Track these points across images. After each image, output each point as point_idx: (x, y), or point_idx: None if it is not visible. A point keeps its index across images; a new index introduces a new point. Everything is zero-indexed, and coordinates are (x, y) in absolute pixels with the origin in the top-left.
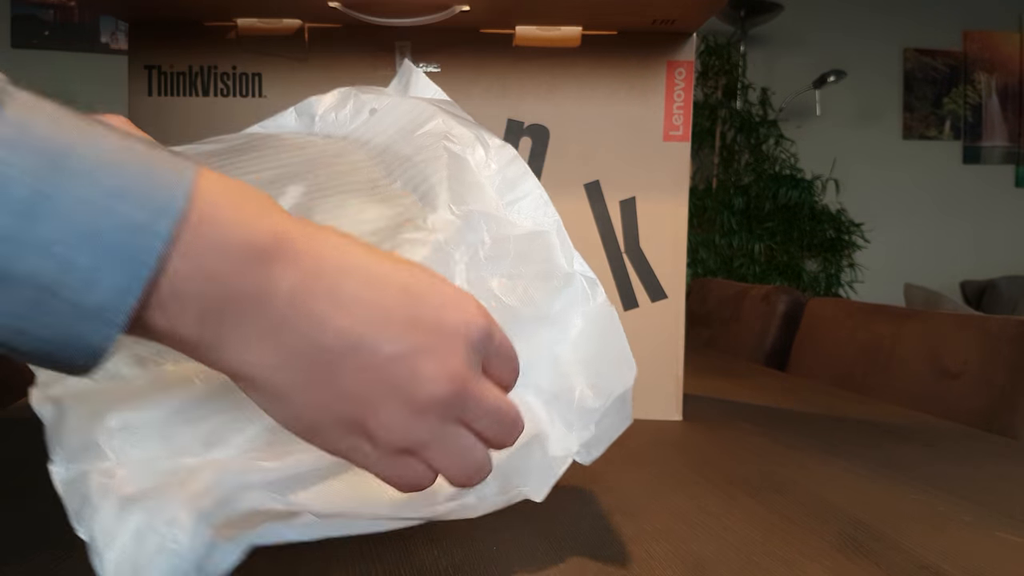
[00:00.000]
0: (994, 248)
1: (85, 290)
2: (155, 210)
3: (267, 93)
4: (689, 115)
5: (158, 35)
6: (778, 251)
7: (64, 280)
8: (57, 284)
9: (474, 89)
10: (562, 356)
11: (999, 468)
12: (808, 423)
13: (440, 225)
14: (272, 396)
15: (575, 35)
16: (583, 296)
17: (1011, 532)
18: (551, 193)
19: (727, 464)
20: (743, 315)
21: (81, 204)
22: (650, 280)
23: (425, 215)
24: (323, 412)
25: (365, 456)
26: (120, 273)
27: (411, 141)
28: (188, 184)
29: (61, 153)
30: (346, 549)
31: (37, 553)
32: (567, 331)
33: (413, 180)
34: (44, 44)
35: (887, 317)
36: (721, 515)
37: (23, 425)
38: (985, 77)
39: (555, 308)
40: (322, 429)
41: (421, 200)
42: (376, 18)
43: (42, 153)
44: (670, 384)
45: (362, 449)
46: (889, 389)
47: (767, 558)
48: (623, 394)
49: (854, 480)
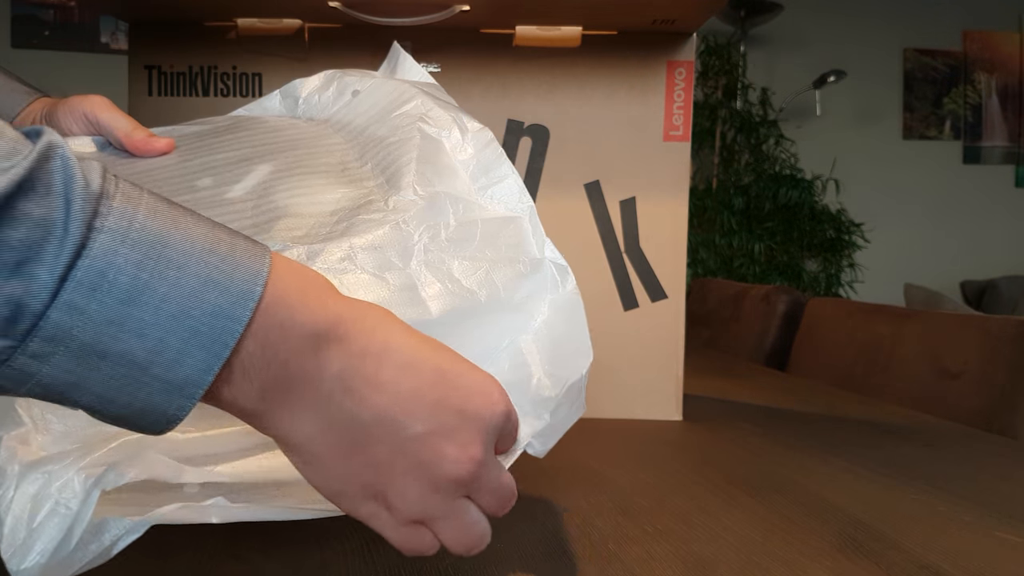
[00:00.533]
0: (994, 248)
1: (172, 368)
2: (238, 296)
3: (267, 93)
4: (689, 115)
5: (158, 35)
6: (778, 251)
7: (155, 359)
8: (148, 363)
9: (474, 89)
10: (524, 344)
11: (999, 468)
12: (808, 423)
13: (402, 206)
14: (309, 460)
15: (575, 35)
16: (552, 283)
17: (1011, 532)
18: (551, 193)
19: (727, 464)
20: (743, 315)
21: (175, 290)
22: (650, 280)
23: (388, 196)
24: (351, 478)
25: (382, 522)
26: (204, 353)
27: (387, 122)
28: (265, 271)
29: (159, 243)
30: (346, 548)
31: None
32: (532, 319)
33: (383, 162)
34: (44, 44)
35: (887, 317)
36: (721, 515)
37: None
38: (985, 77)
39: (520, 295)
40: (348, 493)
41: (388, 182)
42: (376, 18)
43: (143, 244)
44: (670, 384)
45: (380, 516)
46: (889, 389)
47: (767, 558)
48: (577, 382)
49: (854, 480)
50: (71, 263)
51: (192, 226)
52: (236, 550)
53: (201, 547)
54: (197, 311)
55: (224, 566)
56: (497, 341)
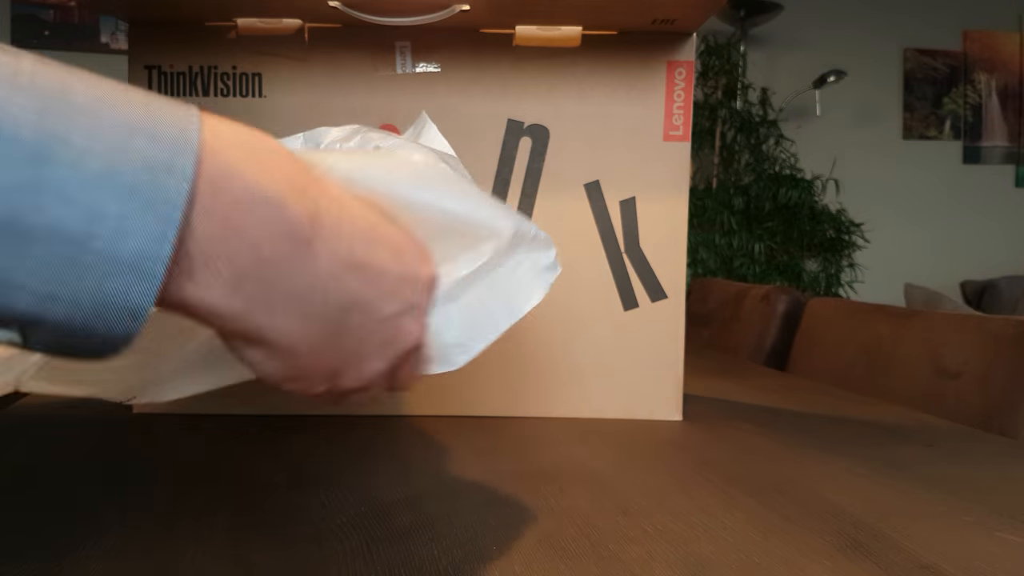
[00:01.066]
0: (994, 248)
1: (117, 239)
2: (172, 144)
3: (267, 93)
4: (689, 115)
5: (158, 35)
6: (778, 251)
7: (92, 230)
8: (85, 235)
9: (474, 89)
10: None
11: (999, 468)
12: (808, 423)
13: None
14: (279, 354)
15: (575, 35)
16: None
17: (1011, 532)
18: (551, 193)
19: (727, 464)
20: (743, 315)
21: (93, 141)
22: (650, 280)
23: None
24: (318, 366)
25: (315, 392)
26: (150, 218)
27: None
28: (196, 120)
29: (63, 91)
30: (346, 548)
31: (35, 553)
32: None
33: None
34: (44, 44)
35: (887, 317)
36: (721, 515)
37: (23, 426)
38: (985, 77)
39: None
40: (307, 378)
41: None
42: (376, 17)
43: (45, 92)
44: (670, 384)
45: (320, 389)
46: (889, 389)
47: (767, 558)
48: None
49: (854, 480)
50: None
51: (96, 78)
52: (236, 550)
53: (201, 547)
54: (127, 166)
55: (224, 566)
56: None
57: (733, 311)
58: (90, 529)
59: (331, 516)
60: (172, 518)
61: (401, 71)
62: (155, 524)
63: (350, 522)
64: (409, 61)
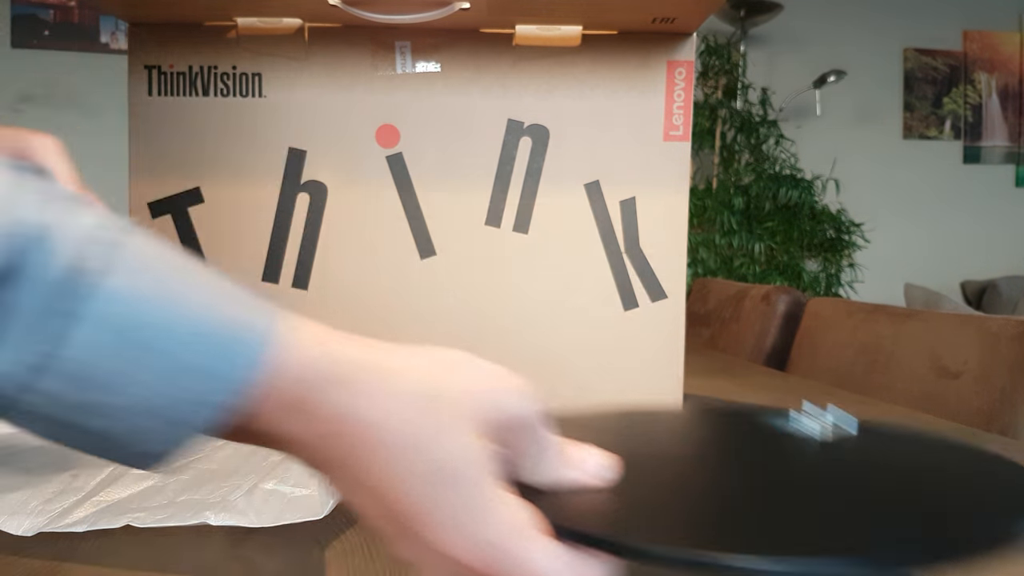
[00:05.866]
0: (994, 248)
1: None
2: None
3: (267, 93)
4: (689, 115)
5: (158, 35)
6: (778, 251)
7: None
8: (127, 442)
9: (474, 89)
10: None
11: None
12: None
13: None
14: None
15: (575, 35)
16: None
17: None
18: (551, 193)
19: None
20: (743, 315)
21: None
22: (650, 280)
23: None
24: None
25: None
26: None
27: None
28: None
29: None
30: (346, 548)
31: (37, 552)
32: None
33: None
34: (44, 44)
35: (887, 317)
36: None
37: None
38: (985, 77)
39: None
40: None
41: None
42: (376, 15)
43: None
44: (670, 384)
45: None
46: (889, 389)
47: None
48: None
49: None
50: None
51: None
52: (237, 550)
53: (202, 547)
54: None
55: (224, 566)
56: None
57: (733, 311)
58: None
59: (331, 515)
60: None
61: (401, 71)
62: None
63: (350, 521)
64: (409, 60)
